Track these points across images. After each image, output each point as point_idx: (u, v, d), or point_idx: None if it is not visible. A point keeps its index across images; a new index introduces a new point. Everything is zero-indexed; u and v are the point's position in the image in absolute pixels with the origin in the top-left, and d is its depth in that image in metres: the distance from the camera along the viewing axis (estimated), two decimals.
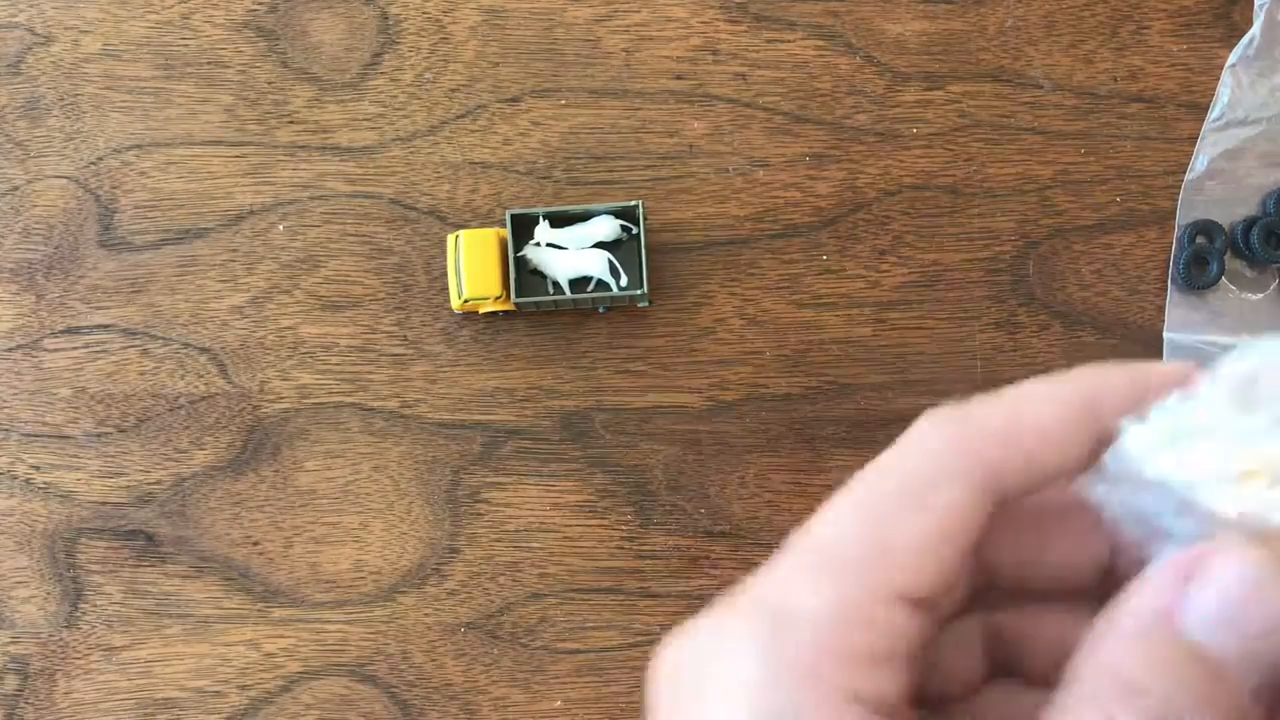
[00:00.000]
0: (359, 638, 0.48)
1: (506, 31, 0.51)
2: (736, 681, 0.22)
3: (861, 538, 0.23)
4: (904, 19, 0.51)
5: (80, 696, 0.47)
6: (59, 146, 0.49)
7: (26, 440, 0.48)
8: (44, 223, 0.49)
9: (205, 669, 0.47)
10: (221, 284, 0.49)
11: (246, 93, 0.50)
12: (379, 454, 0.49)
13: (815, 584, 0.23)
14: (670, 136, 0.50)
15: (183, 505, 0.48)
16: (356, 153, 0.50)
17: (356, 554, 0.48)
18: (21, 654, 0.47)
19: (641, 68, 0.51)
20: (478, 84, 0.50)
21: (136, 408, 0.48)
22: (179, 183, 0.49)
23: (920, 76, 0.51)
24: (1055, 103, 0.51)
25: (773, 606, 0.23)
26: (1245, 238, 0.50)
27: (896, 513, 0.23)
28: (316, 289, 0.49)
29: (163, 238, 0.49)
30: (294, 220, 0.49)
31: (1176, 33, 0.52)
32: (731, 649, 0.23)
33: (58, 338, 0.49)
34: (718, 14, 0.51)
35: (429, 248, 0.49)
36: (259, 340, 0.49)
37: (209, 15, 0.50)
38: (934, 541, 0.23)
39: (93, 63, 0.50)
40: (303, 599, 0.48)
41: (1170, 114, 0.51)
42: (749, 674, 0.22)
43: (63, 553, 0.48)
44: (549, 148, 0.50)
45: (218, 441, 0.48)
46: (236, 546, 0.48)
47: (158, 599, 0.48)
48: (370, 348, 0.49)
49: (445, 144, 0.50)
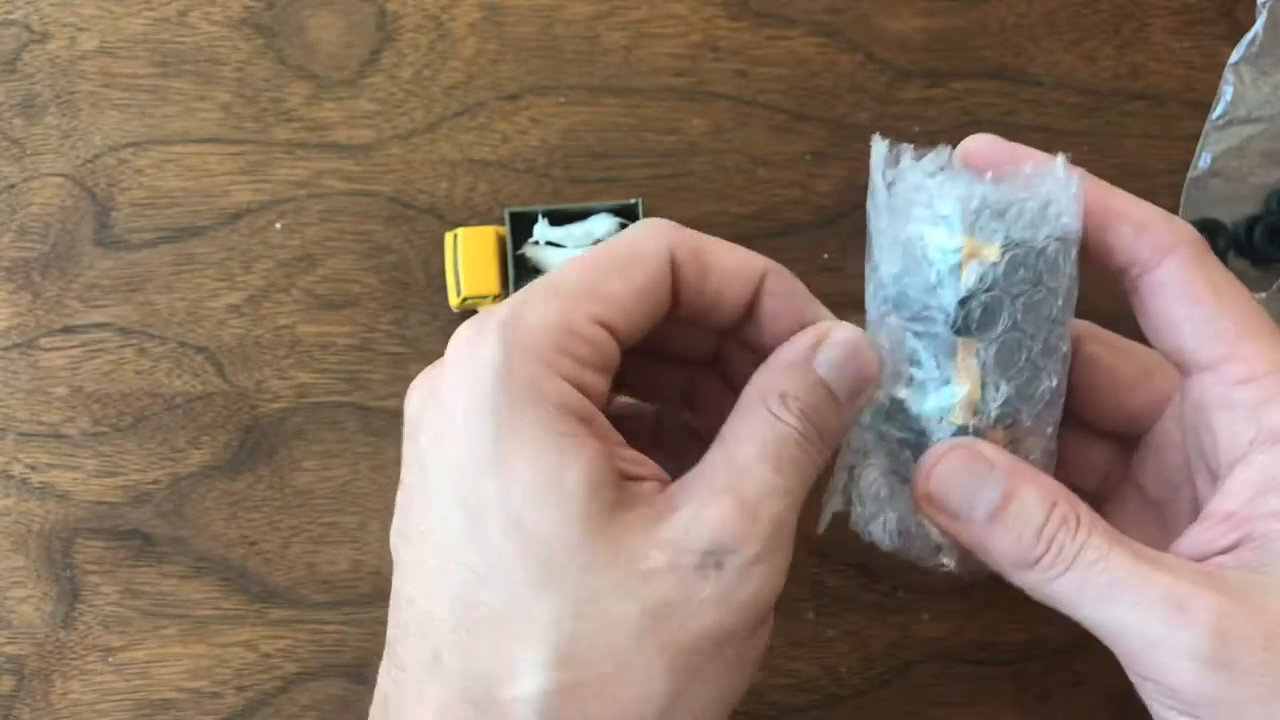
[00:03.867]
0: (357, 639, 0.48)
1: (505, 28, 0.50)
2: (481, 363, 0.30)
3: (583, 280, 0.32)
4: (905, 16, 0.51)
5: (77, 697, 0.47)
6: (55, 144, 0.49)
7: (23, 439, 0.48)
8: (40, 221, 0.49)
9: (202, 670, 0.47)
10: (218, 283, 0.49)
11: (244, 90, 0.50)
12: (377, 454, 0.48)
13: (544, 304, 0.31)
14: (670, 134, 0.50)
15: (179, 505, 0.48)
16: (354, 150, 0.50)
17: (354, 554, 0.48)
18: (17, 654, 0.47)
19: (641, 65, 0.50)
20: (476, 81, 0.50)
21: (133, 407, 0.48)
22: (175, 181, 0.49)
23: (922, 74, 0.51)
24: (1057, 100, 0.51)
25: (507, 318, 0.31)
26: (1248, 236, 0.50)
27: (611, 271, 0.32)
28: (314, 287, 0.49)
29: (159, 236, 0.49)
30: (291, 218, 0.49)
31: (1179, 30, 0.52)
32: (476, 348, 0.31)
33: (54, 336, 0.49)
34: (718, 11, 0.51)
35: (427, 246, 0.49)
36: (256, 339, 0.49)
37: (206, 12, 0.50)
38: (634, 297, 0.32)
39: (89, 60, 0.50)
40: (300, 599, 0.48)
41: (1173, 112, 0.51)
42: (491, 357, 0.30)
43: (59, 553, 0.48)
44: (548, 145, 0.50)
45: (215, 441, 0.48)
46: (233, 547, 0.48)
47: (154, 599, 0.47)
48: (368, 347, 0.49)
49: (444, 142, 0.50)
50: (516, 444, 0.30)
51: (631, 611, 0.30)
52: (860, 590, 0.49)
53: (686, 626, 0.30)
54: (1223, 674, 0.30)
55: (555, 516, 0.30)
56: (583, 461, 0.30)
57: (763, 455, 0.32)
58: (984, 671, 0.48)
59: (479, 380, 0.30)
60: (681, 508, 0.31)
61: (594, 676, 0.29)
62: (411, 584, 0.31)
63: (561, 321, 0.31)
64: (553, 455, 0.30)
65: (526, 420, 0.30)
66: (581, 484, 0.30)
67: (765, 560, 0.31)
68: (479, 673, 0.30)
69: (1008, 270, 0.33)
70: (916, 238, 0.34)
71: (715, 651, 0.31)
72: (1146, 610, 0.30)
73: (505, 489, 0.30)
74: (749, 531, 0.31)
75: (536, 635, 0.29)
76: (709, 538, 0.30)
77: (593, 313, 0.32)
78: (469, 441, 0.30)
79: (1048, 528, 0.32)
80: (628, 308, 0.32)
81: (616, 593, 0.30)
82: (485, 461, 0.30)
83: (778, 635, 0.48)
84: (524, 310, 0.31)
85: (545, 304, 0.31)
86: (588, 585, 0.29)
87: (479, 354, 0.31)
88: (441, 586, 0.30)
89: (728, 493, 0.31)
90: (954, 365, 0.34)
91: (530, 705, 0.29)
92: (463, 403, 0.31)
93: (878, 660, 0.48)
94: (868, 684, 0.48)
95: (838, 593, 0.48)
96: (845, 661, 0.48)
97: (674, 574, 0.30)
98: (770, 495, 0.31)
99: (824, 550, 0.48)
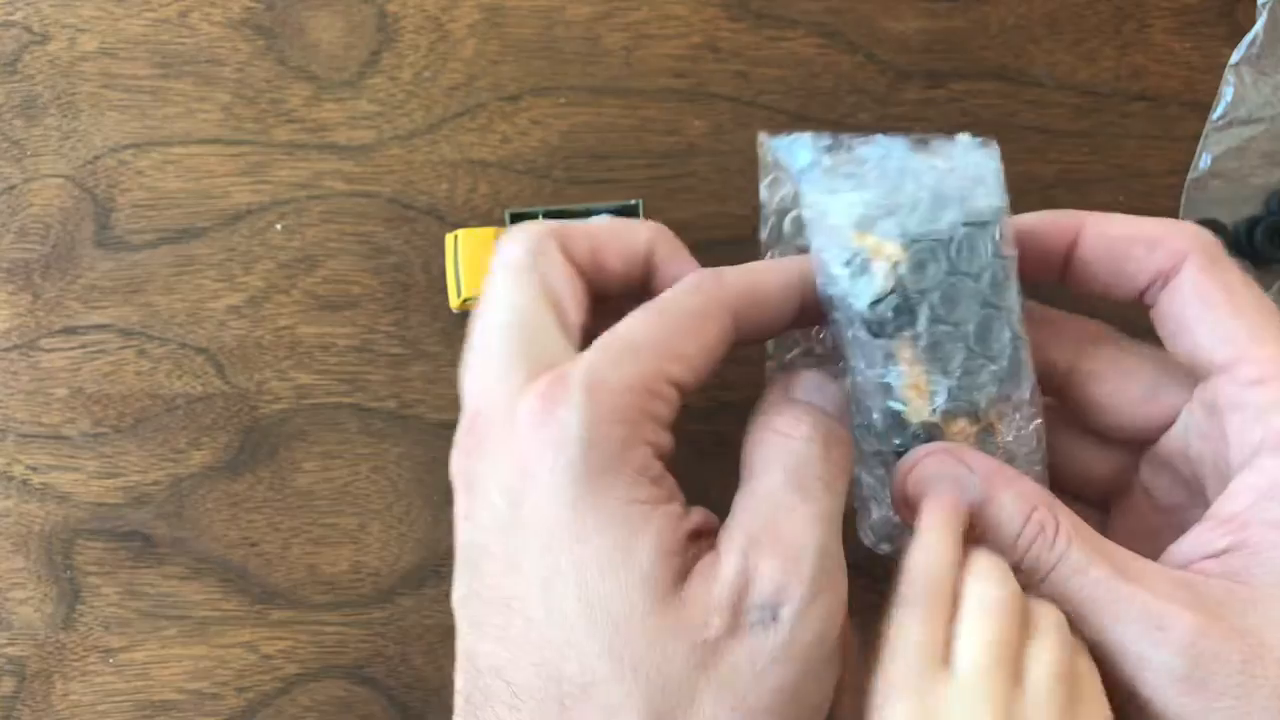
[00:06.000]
0: (357, 640, 0.48)
1: (506, 29, 0.50)
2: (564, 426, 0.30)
3: (659, 338, 0.32)
4: (905, 17, 0.51)
5: (77, 699, 0.47)
6: (55, 145, 0.49)
7: (23, 441, 0.48)
8: (40, 222, 0.49)
9: (203, 671, 0.47)
10: (218, 284, 0.49)
11: (244, 91, 0.50)
12: (378, 455, 0.48)
13: (626, 365, 0.31)
14: (671, 135, 0.50)
15: (180, 506, 0.48)
16: (354, 151, 0.50)
17: (355, 555, 0.48)
18: (18, 656, 0.47)
19: (642, 66, 0.50)
20: (477, 82, 0.50)
21: (133, 408, 0.48)
22: (176, 182, 0.49)
23: (922, 75, 0.51)
24: (1058, 101, 0.51)
25: (589, 380, 0.30)
26: (1249, 237, 0.50)
27: (686, 330, 0.33)
28: (314, 289, 0.49)
29: (160, 237, 0.49)
30: (291, 219, 0.49)
31: (1180, 31, 0.52)
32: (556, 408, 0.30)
33: (54, 338, 0.48)
34: (718, 11, 0.51)
35: (428, 247, 0.49)
36: (256, 340, 0.49)
37: (206, 13, 0.50)
38: (702, 352, 0.33)
39: (89, 61, 0.50)
40: (301, 601, 0.48)
41: (1173, 113, 0.51)
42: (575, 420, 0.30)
43: (60, 554, 0.48)
44: (549, 146, 0.50)
45: (215, 442, 0.48)
46: (234, 548, 0.48)
47: (155, 601, 0.47)
48: (369, 348, 0.49)
49: (444, 143, 0.50)
50: (594, 515, 0.30)
51: (706, 683, 0.29)
52: (861, 591, 0.48)
53: (756, 689, 0.30)
54: (1199, 695, 0.30)
55: (623, 590, 0.29)
56: (652, 531, 0.30)
57: (786, 484, 0.32)
58: None
59: (564, 445, 0.30)
60: (728, 562, 0.30)
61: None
62: (494, 649, 0.31)
63: (643, 383, 0.31)
64: (626, 526, 0.30)
65: (606, 489, 0.30)
66: (649, 555, 0.30)
67: (819, 597, 0.30)
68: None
69: (914, 267, 0.33)
70: (817, 250, 0.34)
71: (793, 699, 0.30)
72: (1125, 627, 0.31)
73: (580, 561, 0.29)
74: (794, 574, 0.30)
75: (620, 711, 0.29)
76: (758, 593, 0.30)
77: (669, 372, 0.32)
78: (552, 509, 0.30)
79: (1023, 536, 0.32)
80: (697, 366, 0.33)
81: (688, 666, 0.29)
82: (565, 531, 0.30)
83: None
84: (606, 371, 0.31)
85: (627, 365, 0.31)
86: (662, 661, 0.29)
87: (561, 416, 0.30)
88: (527, 658, 0.30)
89: (764, 537, 0.31)
90: (896, 366, 0.34)
91: None
92: (548, 467, 0.30)
93: None
94: None
95: None
96: None
97: (734, 637, 0.30)
98: (803, 526, 0.31)
99: None
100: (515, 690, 0.30)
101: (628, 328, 0.32)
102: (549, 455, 0.30)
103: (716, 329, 0.33)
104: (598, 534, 0.29)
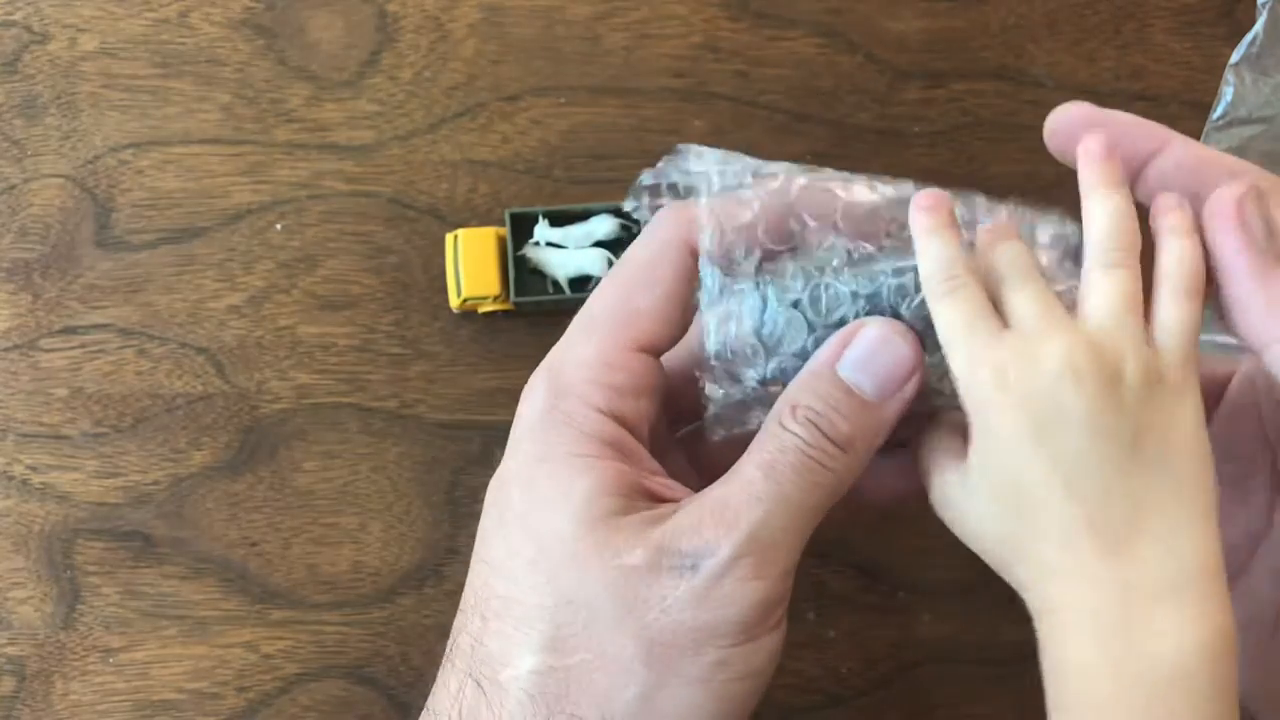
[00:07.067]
0: (357, 639, 0.48)
1: (506, 29, 0.50)
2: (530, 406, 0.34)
3: (613, 306, 0.34)
4: (905, 16, 0.51)
5: (77, 699, 0.47)
6: (55, 145, 0.49)
7: (23, 440, 0.48)
8: (41, 222, 0.49)
9: (203, 671, 0.47)
10: (219, 283, 0.49)
11: (244, 91, 0.50)
12: (378, 454, 0.48)
13: (581, 345, 0.34)
14: (671, 135, 0.50)
15: (180, 506, 0.48)
16: (355, 151, 0.50)
17: (355, 555, 0.48)
18: (18, 655, 0.47)
19: (641, 65, 0.50)
20: (477, 82, 0.50)
21: (134, 408, 0.48)
22: (176, 182, 0.49)
23: (922, 74, 0.51)
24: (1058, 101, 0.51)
25: (551, 364, 0.34)
26: None
27: (636, 287, 0.34)
28: (314, 288, 0.49)
29: (160, 237, 0.49)
30: (292, 219, 0.49)
31: (1179, 31, 0.52)
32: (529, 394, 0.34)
33: (54, 337, 0.49)
34: (718, 11, 0.51)
35: (428, 247, 0.49)
36: (256, 340, 0.49)
37: (206, 13, 0.50)
38: (662, 304, 0.34)
39: (90, 61, 0.50)
40: (301, 600, 0.48)
41: (1173, 112, 0.51)
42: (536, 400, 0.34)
43: (60, 554, 0.48)
44: (548, 146, 0.50)
45: (215, 442, 0.48)
46: (234, 547, 0.48)
47: (155, 600, 0.47)
48: (369, 348, 0.49)
49: (444, 143, 0.50)
50: (544, 466, 0.33)
51: (611, 604, 0.31)
52: (861, 591, 0.49)
53: (660, 621, 0.31)
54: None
55: (557, 518, 0.32)
56: (594, 475, 0.32)
57: (758, 463, 0.33)
58: (985, 673, 0.48)
59: (526, 419, 0.34)
60: (675, 515, 0.32)
61: (576, 662, 0.32)
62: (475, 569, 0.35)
63: (597, 358, 0.34)
64: (568, 472, 0.33)
65: (555, 446, 0.33)
66: (586, 492, 0.32)
67: (740, 564, 0.31)
68: (487, 656, 0.33)
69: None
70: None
71: (694, 651, 0.31)
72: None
73: (528, 499, 0.33)
74: (723, 536, 0.32)
75: (530, 622, 0.32)
76: (687, 540, 0.32)
77: (627, 340, 0.34)
78: (511, 469, 0.34)
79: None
80: (661, 318, 0.34)
81: (599, 586, 0.32)
82: (520, 479, 0.34)
83: None
84: (565, 354, 0.34)
85: (582, 345, 0.34)
86: (575, 578, 0.32)
87: (530, 399, 0.34)
88: (470, 585, 0.34)
89: (714, 499, 0.32)
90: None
91: (519, 685, 0.32)
92: (518, 437, 0.34)
93: (879, 661, 0.48)
94: (869, 685, 0.48)
95: (839, 594, 0.48)
96: (846, 662, 0.48)
97: (651, 572, 0.31)
98: (756, 501, 0.32)
99: (825, 551, 0.48)
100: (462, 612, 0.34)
101: (589, 302, 0.35)
102: (520, 428, 0.34)
103: (671, 270, 0.34)
104: (546, 478, 0.33)
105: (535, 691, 0.32)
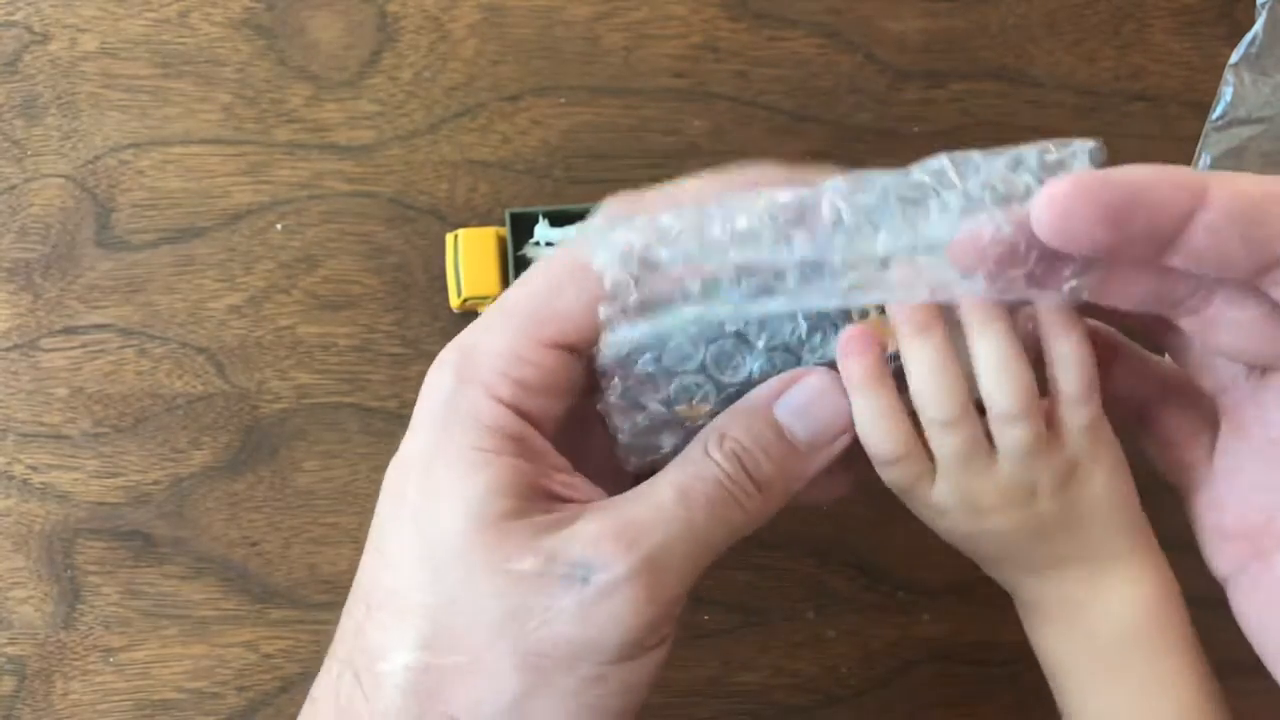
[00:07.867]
0: None
1: (506, 29, 0.50)
2: (434, 388, 0.33)
3: (535, 301, 0.33)
4: (905, 17, 0.51)
5: (77, 698, 0.47)
6: (56, 145, 0.49)
7: (24, 440, 0.48)
8: (41, 222, 0.49)
9: (203, 670, 0.47)
10: (219, 283, 0.49)
11: (244, 91, 0.50)
12: (378, 454, 0.48)
13: (495, 334, 0.33)
14: (670, 135, 0.50)
15: (180, 506, 0.48)
16: (355, 151, 0.50)
17: (355, 555, 0.48)
18: (18, 655, 0.47)
19: (641, 66, 0.50)
20: (477, 82, 0.50)
21: (134, 408, 0.48)
22: (176, 182, 0.49)
23: (922, 75, 0.51)
24: (1058, 101, 0.51)
25: (462, 347, 0.33)
26: None
27: (565, 284, 0.33)
28: (315, 288, 0.49)
29: (160, 237, 0.49)
30: (292, 219, 0.49)
31: (1179, 31, 0.52)
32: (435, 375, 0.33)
33: (55, 337, 0.49)
34: (718, 11, 0.51)
35: (428, 247, 0.49)
36: (257, 340, 0.49)
37: (206, 13, 0.50)
38: (587, 305, 0.32)
39: (90, 61, 0.50)
40: (301, 600, 0.48)
41: (1173, 112, 0.51)
42: (442, 383, 0.33)
43: (60, 553, 0.48)
44: (548, 146, 0.50)
45: (215, 442, 0.48)
46: (234, 547, 0.48)
47: (155, 600, 0.48)
48: (369, 347, 0.49)
49: (444, 143, 0.50)
50: (441, 455, 0.32)
51: (493, 608, 0.31)
52: (861, 591, 0.49)
53: (539, 632, 0.31)
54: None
55: (449, 517, 0.31)
56: (491, 472, 0.32)
57: (674, 484, 0.32)
58: (984, 672, 0.48)
59: (428, 404, 0.33)
60: (576, 524, 0.32)
61: (452, 663, 0.31)
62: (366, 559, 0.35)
63: (509, 350, 0.33)
64: (463, 465, 0.32)
65: (454, 437, 0.32)
66: (481, 491, 0.31)
67: (633, 584, 0.31)
68: (366, 645, 0.32)
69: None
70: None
71: (569, 664, 0.31)
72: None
73: (423, 491, 0.32)
74: (621, 553, 0.31)
75: (411, 617, 0.31)
76: (580, 551, 0.31)
77: (544, 337, 0.33)
78: (411, 454, 0.33)
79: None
80: (585, 319, 0.33)
81: (484, 589, 0.31)
82: (416, 470, 0.33)
83: (778, 636, 0.49)
84: (477, 340, 0.33)
85: (497, 333, 0.33)
86: (461, 579, 0.31)
87: (437, 378, 0.33)
88: (362, 570, 0.34)
89: (618, 514, 0.32)
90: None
91: (394, 679, 0.31)
92: (419, 420, 0.33)
93: (878, 660, 0.48)
94: (868, 684, 0.48)
95: (838, 593, 0.48)
96: (845, 662, 0.48)
97: (540, 580, 0.31)
98: (660, 523, 0.31)
99: (824, 551, 0.48)
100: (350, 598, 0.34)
101: (512, 290, 0.34)
102: (423, 409, 0.33)
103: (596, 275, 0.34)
104: (443, 470, 0.32)
105: (408, 688, 0.31)
